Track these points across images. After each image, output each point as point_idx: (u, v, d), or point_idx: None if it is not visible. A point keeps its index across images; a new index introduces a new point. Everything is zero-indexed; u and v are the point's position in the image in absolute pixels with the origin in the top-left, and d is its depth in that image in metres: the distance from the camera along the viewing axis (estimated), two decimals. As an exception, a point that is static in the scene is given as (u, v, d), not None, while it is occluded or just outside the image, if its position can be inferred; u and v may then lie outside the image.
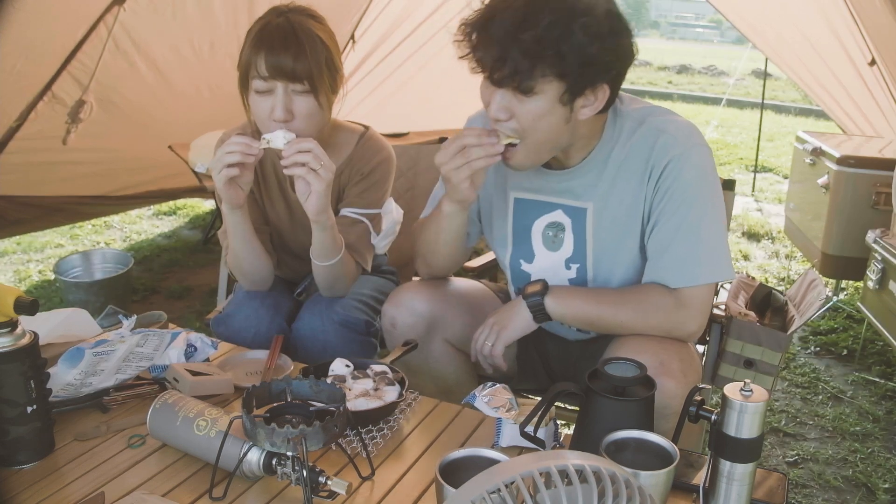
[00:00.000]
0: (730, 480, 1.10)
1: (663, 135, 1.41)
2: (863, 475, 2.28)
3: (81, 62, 3.10)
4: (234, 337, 1.70)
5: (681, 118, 1.46)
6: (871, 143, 3.60)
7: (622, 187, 1.45)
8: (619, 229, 1.48)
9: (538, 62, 1.25)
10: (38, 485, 1.18)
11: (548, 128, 1.33)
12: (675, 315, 1.41)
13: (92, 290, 3.20)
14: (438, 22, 4.41)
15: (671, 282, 1.42)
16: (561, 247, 1.53)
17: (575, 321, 1.51)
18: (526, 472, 0.75)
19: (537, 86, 1.28)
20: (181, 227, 4.55)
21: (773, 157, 6.80)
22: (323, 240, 1.61)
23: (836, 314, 3.43)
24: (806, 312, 1.81)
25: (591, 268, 1.52)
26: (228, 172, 1.49)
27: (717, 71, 13.51)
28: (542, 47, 1.24)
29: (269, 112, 1.56)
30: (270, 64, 1.52)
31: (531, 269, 1.58)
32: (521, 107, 1.31)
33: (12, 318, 1.20)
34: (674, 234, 1.41)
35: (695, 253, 1.41)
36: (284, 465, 1.13)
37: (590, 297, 1.47)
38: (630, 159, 1.44)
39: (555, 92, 1.29)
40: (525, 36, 1.23)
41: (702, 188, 1.41)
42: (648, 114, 1.45)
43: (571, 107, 1.32)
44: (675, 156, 1.40)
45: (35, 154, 3.26)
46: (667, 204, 1.41)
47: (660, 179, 1.41)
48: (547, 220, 1.54)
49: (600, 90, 1.32)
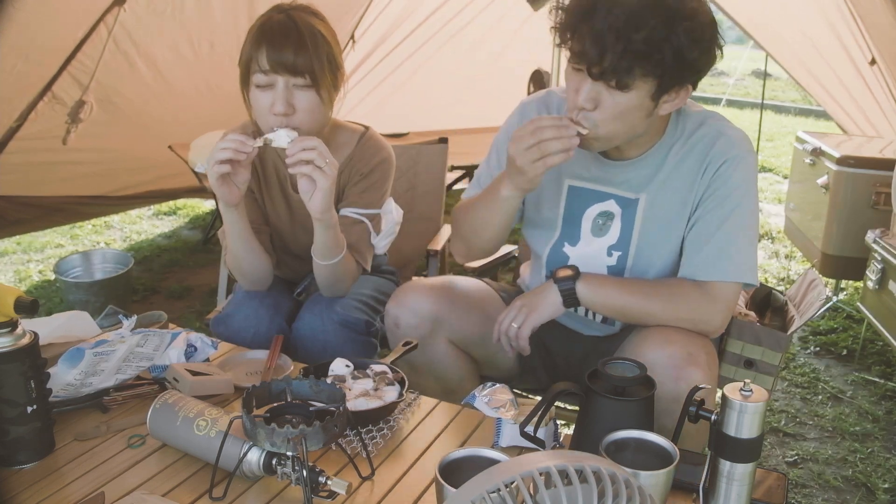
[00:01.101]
0: (730, 480, 1.10)
1: (723, 136, 1.47)
2: (863, 475, 2.28)
3: (81, 62, 3.10)
4: (233, 337, 1.70)
5: (735, 126, 1.52)
6: (872, 144, 3.59)
7: (677, 181, 1.49)
8: (667, 222, 1.51)
9: (641, 62, 1.27)
10: (38, 485, 1.18)
11: (630, 120, 1.37)
12: (703, 308, 1.45)
13: (92, 290, 3.20)
14: (438, 22, 4.41)
15: (703, 275, 1.46)
16: (607, 233, 1.56)
17: (604, 309, 1.52)
18: (526, 472, 0.75)
19: (634, 83, 1.30)
20: (181, 227, 4.55)
21: (773, 157, 6.80)
22: (325, 238, 1.61)
23: (836, 314, 3.43)
24: (806, 312, 1.81)
25: (632, 256, 1.55)
26: (220, 169, 1.49)
27: (717, 71, 13.47)
28: (649, 48, 1.26)
29: (270, 106, 1.56)
30: (271, 58, 1.53)
31: (573, 252, 1.59)
32: (611, 99, 1.33)
33: (12, 318, 1.20)
34: (715, 229, 1.46)
35: (730, 250, 1.45)
36: (284, 465, 1.13)
37: (621, 286, 1.50)
38: (689, 156, 1.49)
39: (647, 89, 1.32)
40: (635, 36, 1.25)
41: (748, 192, 1.47)
42: (709, 116, 1.52)
43: (656, 102, 1.35)
44: (731, 157, 1.45)
45: (35, 154, 3.26)
46: (714, 201, 1.46)
47: (714, 176, 1.46)
48: (599, 208, 1.56)
49: (684, 89, 1.37)
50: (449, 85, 4.57)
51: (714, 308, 1.45)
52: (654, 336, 1.42)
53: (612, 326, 1.65)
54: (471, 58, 4.53)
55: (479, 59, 4.66)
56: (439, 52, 4.49)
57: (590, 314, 1.65)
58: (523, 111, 1.64)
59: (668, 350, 1.37)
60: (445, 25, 4.43)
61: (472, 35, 4.52)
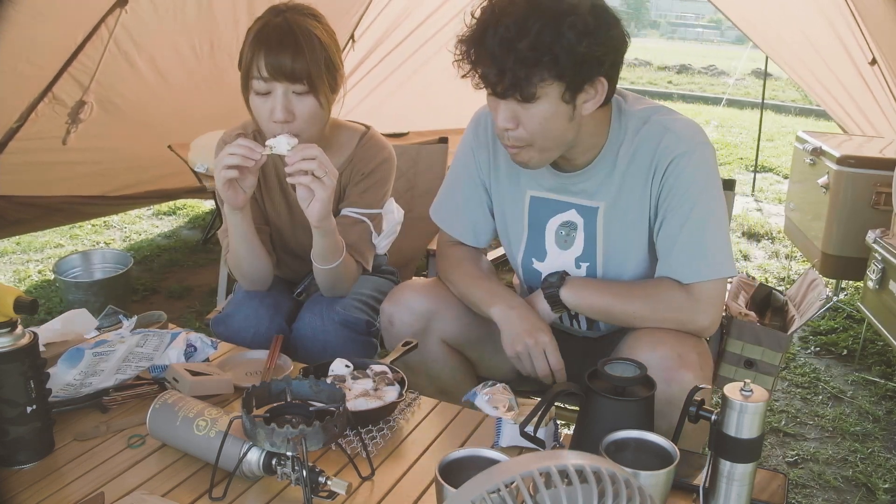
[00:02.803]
0: (730, 480, 1.10)
1: (668, 132, 1.44)
2: (863, 475, 2.28)
3: (82, 63, 3.10)
4: (233, 337, 1.70)
5: (684, 117, 1.48)
6: (872, 143, 3.59)
7: (630, 185, 1.48)
8: (628, 227, 1.50)
9: (535, 69, 1.27)
10: (38, 485, 1.18)
11: (555, 128, 1.36)
12: (686, 308, 1.43)
13: (92, 290, 3.20)
14: (438, 22, 4.40)
15: (681, 277, 1.45)
16: (572, 245, 1.55)
17: (589, 311, 1.53)
18: (526, 472, 0.74)
19: (538, 91, 1.30)
20: (181, 227, 4.55)
21: (773, 157, 6.80)
22: (324, 245, 1.61)
23: (836, 314, 3.43)
24: (806, 312, 1.81)
25: (600, 266, 1.54)
26: (227, 174, 1.49)
27: (717, 71, 13.50)
28: (537, 53, 1.25)
29: (270, 114, 1.56)
30: (269, 64, 1.52)
31: (542, 267, 1.60)
32: (526, 113, 1.33)
33: (12, 318, 1.20)
34: (679, 231, 1.44)
35: (700, 249, 1.44)
36: (284, 465, 1.13)
37: (603, 288, 1.50)
38: (637, 157, 1.46)
39: (556, 93, 1.31)
40: (520, 45, 1.25)
41: (705, 186, 1.44)
42: (653, 112, 1.47)
43: (574, 104, 1.34)
44: (679, 153, 1.42)
45: (35, 154, 3.25)
46: (672, 201, 1.44)
47: (664, 177, 1.44)
48: (561, 219, 1.56)
49: (598, 83, 1.34)
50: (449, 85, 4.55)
51: (698, 308, 1.43)
52: (645, 338, 1.41)
53: (595, 330, 1.65)
54: (471, 58, 4.53)
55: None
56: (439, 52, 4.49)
57: (574, 323, 1.65)
58: (477, 122, 1.65)
59: (658, 352, 1.36)
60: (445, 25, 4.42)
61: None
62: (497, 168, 1.61)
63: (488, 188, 1.64)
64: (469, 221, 1.68)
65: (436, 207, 1.73)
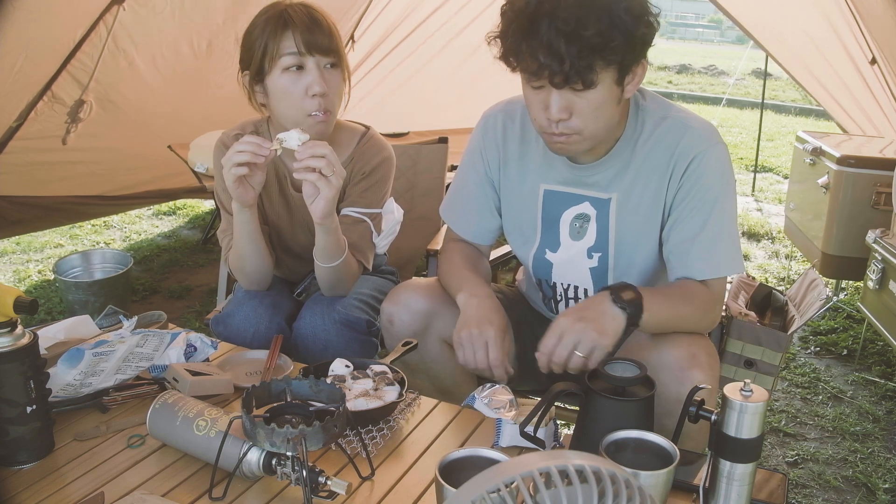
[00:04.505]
0: (730, 480, 1.10)
1: (689, 130, 1.47)
2: (863, 475, 2.28)
3: (81, 62, 3.10)
4: (233, 337, 1.70)
5: (699, 116, 1.52)
6: (872, 143, 3.59)
7: (646, 179, 1.49)
8: (641, 220, 1.52)
9: (599, 55, 1.28)
10: (38, 485, 1.18)
11: (606, 113, 1.38)
12: (712, 308, 1.48)
13: (92, 290, 3.19)
14: (438, 21, 4.40)
15: (698, 275, 1.47)
16: (585, 236, 1.56)
17: (656, 328, 1.43)
18: (526, 472, 0.74)
19: (598, 78, 1.31)
20: (181, 227, 4.55)
21: (773, 157, 6.79)
22: (327, 242, 1.61)
23: (836, 314, 3.43)
24: (806, 312, 1.81)
25: (612, 257, 1.56)
26: (237, 171, 1.50)
27: (717, 71, 13.49)
28: (602, 40, 1.27)
29: (306, 89, 1.58)
30: (304, 39, 1.57)
31: (555, 258, 1.61)
32: (583, 101, 1.34)
33: (12, 318, 1.20)
34: (700, 229, 1.46)
35: (718, 247, 1.47)
36: (284, 465, 1.13)
37: (665, 301, 1.43)
38: (655, 152, 1.48)
39: (610, 78, 1.34)
40: (586, 33, 1.26)
41: (724, 186, 1.47)
42: (670, 108, 1.52)
43: (622, 87, 1.37)
44: (700, 152, 1.45)
45: (35, 154, 3.25)
46: (693, 199, 1.46)
47: (684, 175, 1.46)
48: (575, 211, 1.57)
49: (640, 65, 1.38)
50: (449, 85, 4.56)
51: (716, 305, 1.49)
52: (658, 337, 1.42)
53: None
54: (471, 57, 4.52)
55: (479, 59, 4.64)
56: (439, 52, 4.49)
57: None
58: (486, 123, 1.65)
59: (674, 352, 1.38)
60: (445, 25, 4.42)
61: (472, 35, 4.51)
62: (507, 165, 1.62)
63: (497, 186, 1.65)
64: (475, 220, 1.69)
65: (445, 206, 1.76)
